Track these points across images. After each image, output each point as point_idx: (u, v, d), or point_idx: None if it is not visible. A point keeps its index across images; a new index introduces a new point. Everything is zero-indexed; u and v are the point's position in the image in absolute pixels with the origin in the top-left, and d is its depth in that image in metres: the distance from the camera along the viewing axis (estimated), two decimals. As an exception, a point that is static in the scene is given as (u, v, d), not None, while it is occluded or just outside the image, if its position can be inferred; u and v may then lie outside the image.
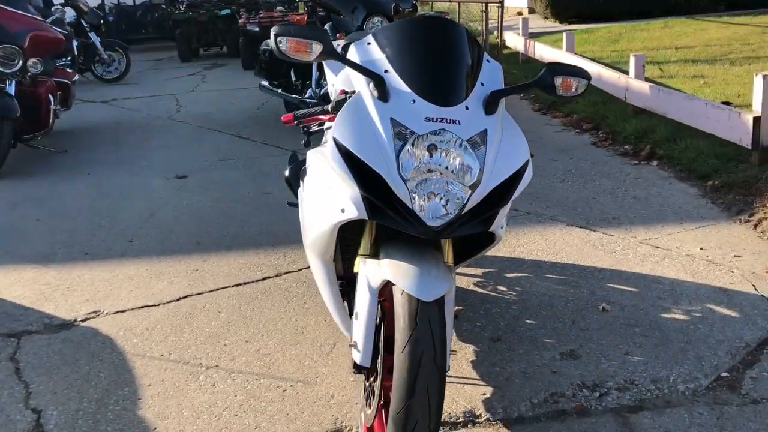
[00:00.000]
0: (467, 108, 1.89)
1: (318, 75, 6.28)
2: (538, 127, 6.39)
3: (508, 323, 2.94)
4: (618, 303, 3.06)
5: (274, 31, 1.90)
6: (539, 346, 2.77)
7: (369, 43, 2.05)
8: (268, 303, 3.25)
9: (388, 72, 1.94)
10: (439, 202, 1.83)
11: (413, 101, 1.87)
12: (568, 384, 2.52)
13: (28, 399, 2.59)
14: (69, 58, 8.65)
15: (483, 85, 1.98)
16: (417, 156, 1.82)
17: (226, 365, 2.76)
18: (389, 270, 1.90)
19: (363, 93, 1.93)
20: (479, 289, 3.26)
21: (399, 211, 1.83)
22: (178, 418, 2.44)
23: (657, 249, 3.60)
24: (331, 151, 1.88)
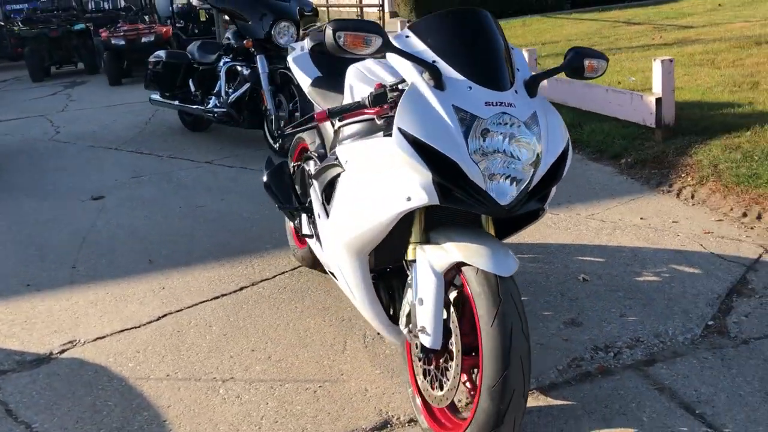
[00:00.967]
0: (516, 92, 2.00)
1: (226, 83, 6.16)
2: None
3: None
4: (593, 273, 3.30)
5: (332, 27, 1.90)
6: (541, 318, 2.93)
7: (407, 36, 2.10)
8: (257, 311, 3.18)
9: (436, 62, 2.00)
10: (507, 181, 1.92)
11: (469, 88, 1.95)
12: (582, 349, 2.70)
13: (39, 439, 2.39)
14: None
15: (519, 71, 2.10)
16: (484, 139, 1.90)
17: (242, 376, 2.69)
18: (460, 252, 1.96)
19: (418, 83, 1.98)
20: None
21: (470, 193, 1.90)
22: (218, 433, 2.36)
23: (604, 222, 3.91)
24: (399, 141, 1.92)
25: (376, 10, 13.15)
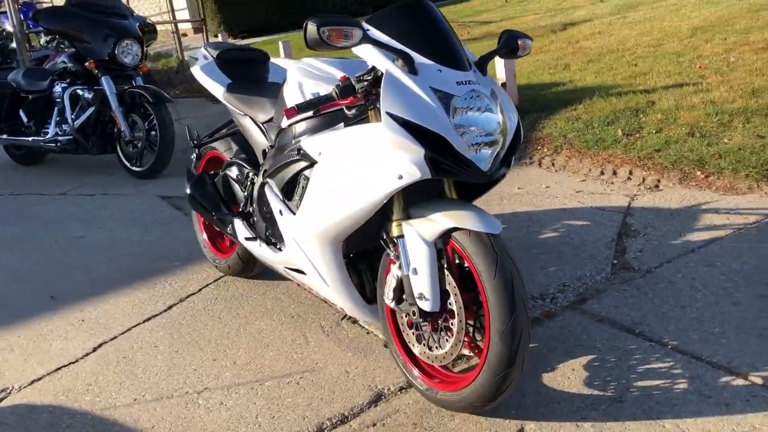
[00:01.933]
0: (474, 71, 2.24)
1: (70, 108, 5.80)
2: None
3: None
4: (503, 237, 3.63)
5: (315, 23, 2.01)
6: (476, 283, 3.21)
7: (368, 30, 2.25)
8: (200, 324, 3.14)
9: (405, 50, 2.18)
10: (486, 149, 2.15)
11: (439, 71, 2.15)
12: (522, 301, 3.01)
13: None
14: None
15: (466, 53, 2.35)
16: (462, 114, 2.12)
17: (215, 384, 2.67)
18: (450, 220, 2.17)
19: (392, 70, 2.14)
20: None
21: (457, 164, 2.11)
22: (221, 439, 2.36)
23: (489, 195, 4.27)
24: (389, 124, 2.07)
25: (183, 27, 12.90)
